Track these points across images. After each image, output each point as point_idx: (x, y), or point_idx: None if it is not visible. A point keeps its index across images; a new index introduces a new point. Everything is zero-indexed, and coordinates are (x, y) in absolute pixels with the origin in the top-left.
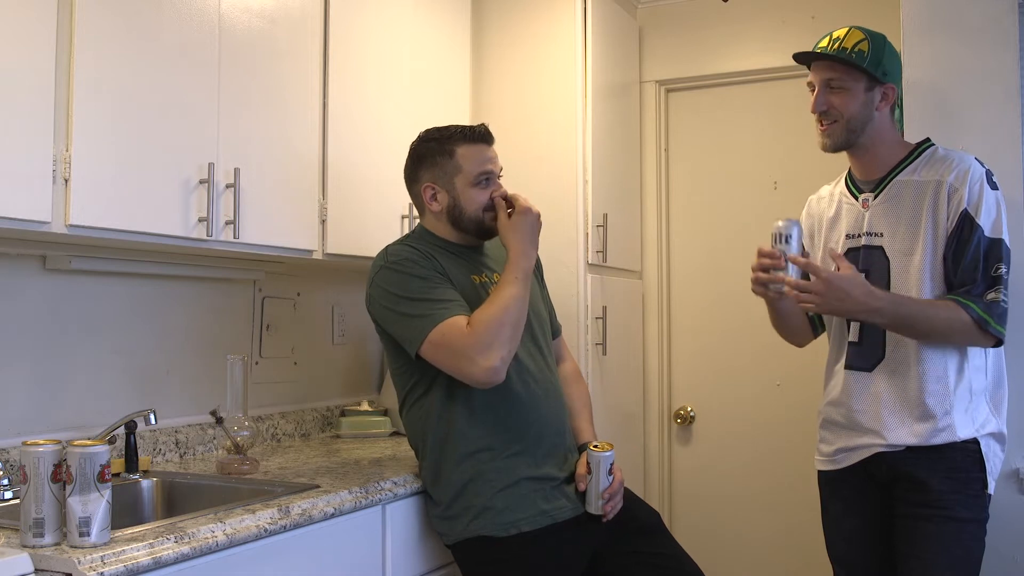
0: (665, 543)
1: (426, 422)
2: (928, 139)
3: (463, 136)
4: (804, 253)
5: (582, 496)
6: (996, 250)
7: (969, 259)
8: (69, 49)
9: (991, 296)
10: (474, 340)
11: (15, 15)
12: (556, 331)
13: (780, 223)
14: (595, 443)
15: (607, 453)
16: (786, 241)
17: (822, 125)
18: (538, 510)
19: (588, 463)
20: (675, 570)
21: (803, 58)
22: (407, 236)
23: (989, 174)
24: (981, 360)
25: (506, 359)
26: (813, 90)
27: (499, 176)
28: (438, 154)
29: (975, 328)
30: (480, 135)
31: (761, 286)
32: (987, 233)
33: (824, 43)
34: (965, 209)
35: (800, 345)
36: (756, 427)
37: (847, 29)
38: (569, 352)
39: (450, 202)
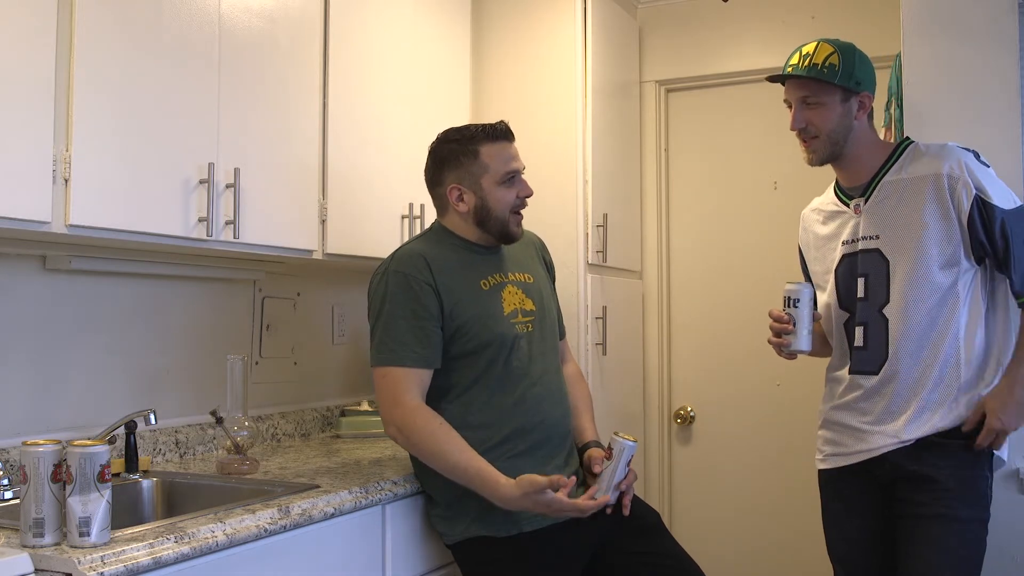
0: (665, 543)
1: None
2: (907, 138)
3: (486, 135)
4: (816, 315)
5: (578, 486)
6: (1021, 219)
7: (1000, 240)
8: (69, 49)
9: None
10: (405, 421)
11: (15, 15)
12: (561, 334)
13: (790, 286)
14: (620, 432)
15: (631, 443)
16: (795, 304)
17: (804, 142)
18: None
19: (611, 447)
20: (675, 570)
21: (776, 78)
22: (424, 233)
23: (977, 155)
24: (984, 359)
25: (397, 440)
26: (790, 107)
27: (522, 173)
28: (462, 155)
29: None
30: (502, 133)
31: (776, 348)
32: (1006, 207)
33: (795, 60)
34: (977, 195)
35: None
36: (756, 427)
37: (815, 44)
38: (571, 354)
39: (478, 203)
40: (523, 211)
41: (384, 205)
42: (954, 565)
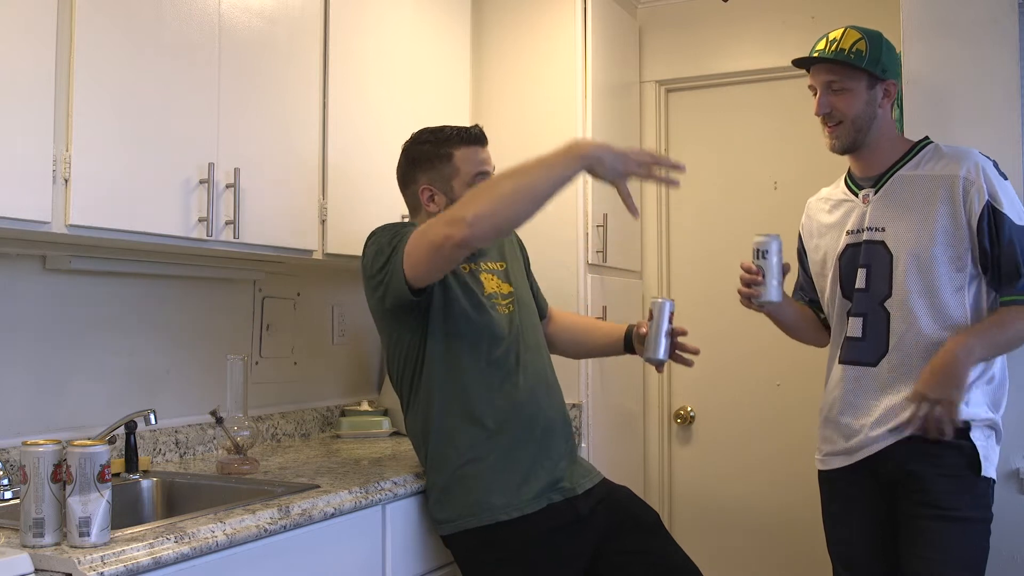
0: (664, 543)
1: (427, 420)
2: (927, 137)
3: (460, 139)
4: (785, 266)
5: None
6: None
7: (1007, 251)
8: (69, 49)
9: None
10: (459, 207)
11: (15, 15)
12: (543, 308)
13: (759, 238)
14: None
15: (668, 300)
16: (763, 256)
17: (828, 127)
18: (539, 492)
19: (650, 311)
20: (673, 570)
21: (802, 62)
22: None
23: (996, 165)
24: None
25: (472, 221)
26: (815, 93)
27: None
28: (435, 157)
29: None
30: (476, 137)
31: (746, 299)
32: (1016, 221)
33: (821, 45)
34: (988, 201)
35: (822, 345)
36: (756, 427)
37: (843, 29)
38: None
39: (448, 204)
40: None
41: (384, 205)
42: (958, 565)
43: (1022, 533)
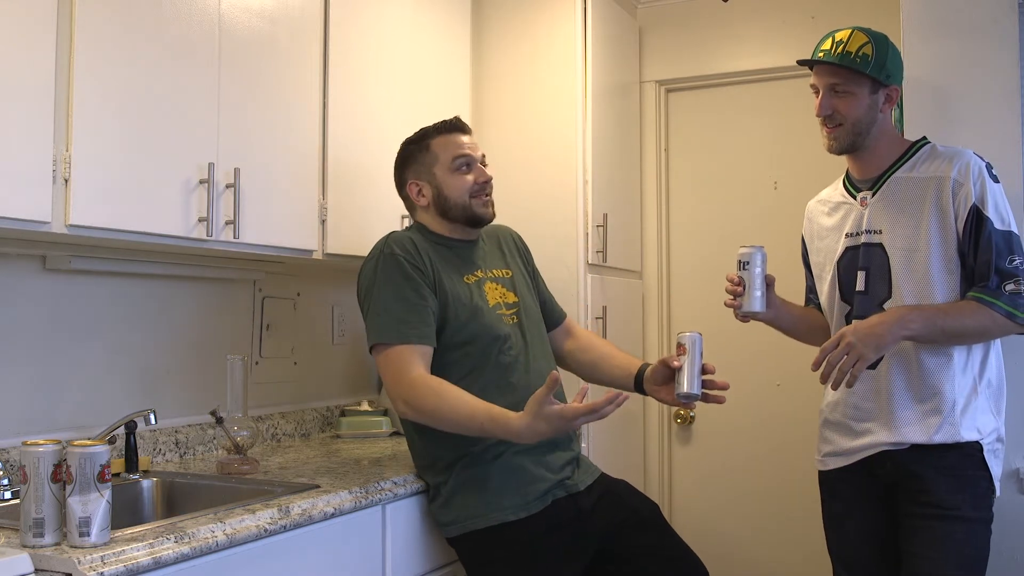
0: (665, 534)
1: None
2: (924, 137)
3: (436, 129)
4: (769, 278)
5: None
6: (1008, 242)
7: (983, 254)
8: (69, 49)
9: (1011, 288)
10: (411, 392)
11: (15, 15)
12: (560, 319)
13: (742, 249)
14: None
15: (698, 333)
16: (745, 267)
17: (827, 128)
18: (544, 492)
19: (681, 343)
20: (676, 560)
21: (806, 63)
22: (409, 228)
23: (989, 167)
24: (982, 357)
25: (415, 415)
26: (817, 93)
27: (481, 163)
28: (417, 151)
29: (1008, 323)
30: (452, 125)
31: (734, 312)
32: (997, 226)
33: (827, 45)
34: (975, 204)
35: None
36: (756, 427)
37: (850, 31)
38: (578, 325)
39: (434, 192)
40: (489, 193)
41: (384, 205)
42: (959, 564)
43: (1022, 533)
